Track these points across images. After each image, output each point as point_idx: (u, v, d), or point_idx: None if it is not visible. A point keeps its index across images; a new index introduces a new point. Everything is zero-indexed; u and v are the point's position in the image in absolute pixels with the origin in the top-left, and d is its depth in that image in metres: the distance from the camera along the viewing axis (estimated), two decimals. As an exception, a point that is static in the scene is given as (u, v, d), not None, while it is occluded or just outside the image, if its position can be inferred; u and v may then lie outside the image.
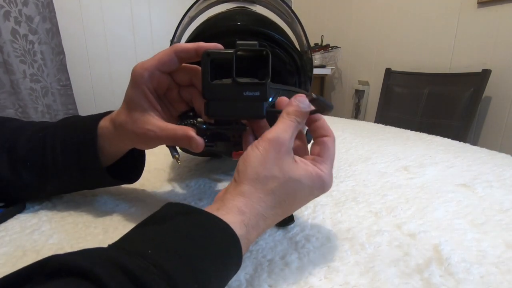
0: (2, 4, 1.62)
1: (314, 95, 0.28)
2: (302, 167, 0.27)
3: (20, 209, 0.38)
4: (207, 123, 0.31)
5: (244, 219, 0.25)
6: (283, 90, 0.30)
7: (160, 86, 0.33)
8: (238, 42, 0.28)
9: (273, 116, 0.29)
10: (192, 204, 0.40)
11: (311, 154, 0.30)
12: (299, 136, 0.31)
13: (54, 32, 1.82)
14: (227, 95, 0.27)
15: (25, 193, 0.39)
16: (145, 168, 0.42)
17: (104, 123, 0.35)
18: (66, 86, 1.92)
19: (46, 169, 0.36)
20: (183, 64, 0.33)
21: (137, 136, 0.32)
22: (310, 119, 0.30)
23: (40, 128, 0.38)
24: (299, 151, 0.30)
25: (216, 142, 0.33)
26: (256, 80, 0.28)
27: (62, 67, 1.90)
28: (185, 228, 0.22)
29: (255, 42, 0.28)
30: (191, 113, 0.33)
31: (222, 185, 0.48)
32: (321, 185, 0.28)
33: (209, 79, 0.27)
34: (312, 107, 0.29)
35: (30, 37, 1.73)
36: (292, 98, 0.29)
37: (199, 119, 0.31)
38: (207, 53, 0.27)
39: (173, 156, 0.35)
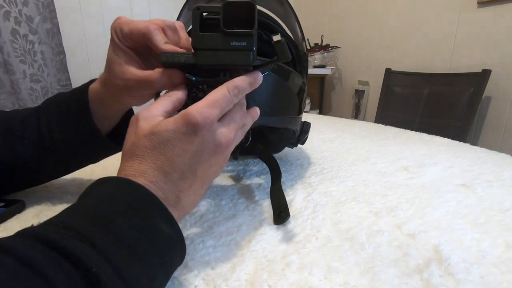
0: (2, 4, 1.62)
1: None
2: (167, 118, 0.26)
3: (20, 209, 0.39)
4: (196, 75, 0.31)
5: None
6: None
7: (139, 46, 0.33)
8: None
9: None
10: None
11: None
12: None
13: (54, 32, 1.82)
14: (215, 45, 0.28)
15: (26, 175, 0.39)
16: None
17: (93, 86, 0.37)
18: (66, 86, 1.92)
19: (44, 143, 0.37)
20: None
21: (120, 89, 0.33)
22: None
23: (33, 109, 0.39)
24: None
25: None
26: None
27: (62, 67, 1.89)
28: (96, 193, 0.23)
29: None
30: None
31: (221, 184, 0.48)
32: (186, 122, 0.24)
33: (198, 30, 0.28)
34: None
35: (30, 37, 1.73)
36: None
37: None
38: (197, 7, 0.28)
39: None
